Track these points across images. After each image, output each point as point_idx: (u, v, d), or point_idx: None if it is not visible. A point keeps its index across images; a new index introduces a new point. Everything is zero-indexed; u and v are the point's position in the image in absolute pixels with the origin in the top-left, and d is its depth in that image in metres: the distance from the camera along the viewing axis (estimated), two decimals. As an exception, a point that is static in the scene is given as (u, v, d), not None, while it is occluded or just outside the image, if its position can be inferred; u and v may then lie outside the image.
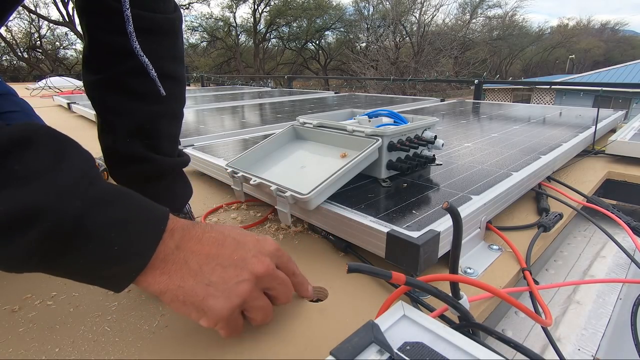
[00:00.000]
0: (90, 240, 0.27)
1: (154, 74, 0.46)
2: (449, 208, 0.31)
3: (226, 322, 0.33)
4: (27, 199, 0.25)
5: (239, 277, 0.33)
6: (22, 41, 15.64)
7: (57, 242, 0.26)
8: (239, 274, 0.33)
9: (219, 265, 0.33)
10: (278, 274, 0.36)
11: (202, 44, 19.43)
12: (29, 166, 0.25)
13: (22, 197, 0.25)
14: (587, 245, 0.72)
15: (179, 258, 0.32)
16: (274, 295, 0.36)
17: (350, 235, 0.50)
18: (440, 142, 0.67)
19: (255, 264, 0.34)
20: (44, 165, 0.26)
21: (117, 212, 0.29)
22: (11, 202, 0.24)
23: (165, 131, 0.51)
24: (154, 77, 0.46)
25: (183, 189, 0.56)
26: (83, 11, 0.44)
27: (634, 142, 0.93)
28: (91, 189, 0.28)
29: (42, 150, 0.26)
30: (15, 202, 0.24)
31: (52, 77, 3.84)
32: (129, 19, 0.42)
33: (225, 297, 0.32)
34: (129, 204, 0.30)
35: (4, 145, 0.25)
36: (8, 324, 0.39)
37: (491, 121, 1.27)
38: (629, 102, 9.41)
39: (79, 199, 0.27)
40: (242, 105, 2.00)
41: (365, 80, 8.56)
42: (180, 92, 0.52)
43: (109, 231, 0.28)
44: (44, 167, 0.26)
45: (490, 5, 17.85)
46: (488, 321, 0.44)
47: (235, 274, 0.33)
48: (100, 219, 0.28)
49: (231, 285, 0.32)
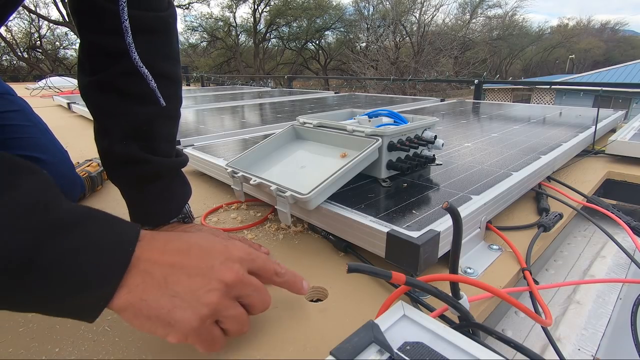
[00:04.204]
0: (46, 272, 0.25)
1: (153, 85, 0.46)
2: (449, 208, 0.31)
3: (197, 335, 0.30)
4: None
5: (206, 286, 0.31)
6: (22, 41, 15.64)
7: (8, 277, 0.24)
8: (206, 284, 0.31)
9: (184, 275, 0.31)
10: (249, 281, 0.33)
11: (202, 44, 19.43)
12: None
13: None
14: (587, 245, 0.72)
15: (139, 270, 0.29)
16: (249, 303, 0.34)
17: (350, 235, 0.50)
18: (440, 142, 0.67)
19: (224, 272, 0.32)
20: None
21: (77, 240, 0.27)
22: None
23: (161, 132, 0.51)
24: (153, 89, 0.46)
25: (182, 189, 0.56)
26: (75, 12, 0.44)
27: (634, 142, 0.93)
28: (43, 218, 0.26)
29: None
30: None
31: (52, 77, 3.85)
32: (128, 30, 0.42)
33: (192, 308, 0.30)
34: (92, 227, 0.28)
35: None
36: (8, 324, 0.39)
37: (491, 121, 1.27)
38: (629, 102, 9.41)
39: (27, 231, 0.25)
40: (242, 105, 2.00)
41: (365, 80, 8.56)
42: (175, 92, 0.52)
43: (67, 260, 0.26)
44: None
45: (490, 5, 17.85)
46: (488, 321, 0.44)
47: (202, 284, 0.31)
48: (55, 249, 0.26)
49: (199, 295, 0.30)
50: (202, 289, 0.30)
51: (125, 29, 0.42)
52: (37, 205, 0.26)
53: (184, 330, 0.29)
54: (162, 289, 0.29)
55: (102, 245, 0.28)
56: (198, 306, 0.30)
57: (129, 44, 0.43)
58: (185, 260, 0.31)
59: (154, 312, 0.29)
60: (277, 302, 0.41)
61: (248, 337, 0.36)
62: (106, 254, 0.28)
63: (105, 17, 0.42)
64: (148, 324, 0.29)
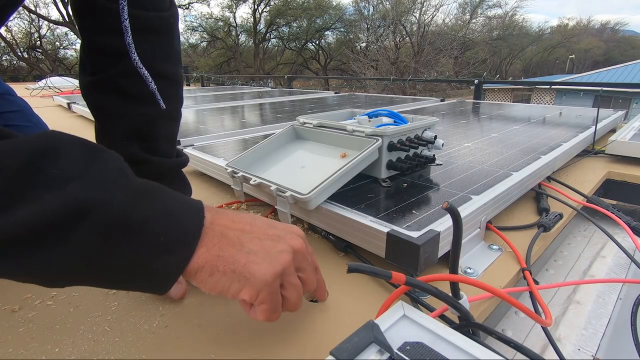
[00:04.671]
0: (138, 232, 0.27)
1: (153, 87, 0.46)
2: (449, 208, 0.31)
3: (269, 292, 0.31)
4: (72, 197, 0.25)
5: (278, 247, 0.32)
6: (22, 41, 15.64)
7: (106, 236, 0.26)
8: (277, 245, 0.33)
9: (256, 238, 0.32)
10: (309, 255, 0.36)
11: (202, 44, 19.42)
12: (65, 168, 0.25)
13: (67, 196, 0.24)
14: (587, 245, 0.72)
15: (215, 232, 0.31)
16: (304, 279, 0.35)
17: (350, 235, 0.50)
18: (440, 142, 0.67)
19: (292, 240, 0.34)
20: (79, 167, 0.26)
21: (159, 204, 0.29)
22: (58, 202, 0.24)
23: (162, 132, 0.51)
24: (153, 90, 0.46)
25: (182, 189, 0.56)
26: (77, 12, 0.44)
27: (634, 142, 0.93)
28: (130, 183, 0.28)
29: (73, 153, 0.26)
30: (61, 201, 0.24)
31: (52, 77, 3.84)
32: (128, 30, 0.42)
33: (267, 263, 0.31)
34: (167, 195, 0.30)
35: (36, 150, 0.25)
36: (8, 324, 0.39)
37: (491, 121, 1.27)
38: (629, 102, 9.41)
39: (121, 192, 0.27)
40: (242, 105, 2.00)
41: (365, 80, 8.56)
42: (176, 92, 0.51)
43: (153, 223, 0.28)
44: (79, 168, 0.26)
45: (490, 5, 17.85)
46: (488, 321, 0.44)
47: (274, 246, 0.32)
48: (145, 211, 0.28)
49: (272, 253, 0.32)
50: (275, 249, 0.32)
51: (125, 28, 0.42)
52: (122, 172, 0.28)
53: (258, 284, 0.30)
54: (237, 247, 0.31)
55: (178, 210, 0.30)
56: (273, 262, 0.31)
57: (128, 44, 0.42)
58: (254, 228, 0.33)
59: (230, 266, 0.30)
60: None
61: (248, 337, 0.36)
62: (184, 217, 0.30)
63: (106, 17, 0.42)
64: (223, 279, 0.30)
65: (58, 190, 0.24)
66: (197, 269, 0.30)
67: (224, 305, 0.41)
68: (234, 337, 0.36)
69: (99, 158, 0.28)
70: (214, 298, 0.42)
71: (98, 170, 0.27)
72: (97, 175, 0.26)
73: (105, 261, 0.26)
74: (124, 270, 0.28)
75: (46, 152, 0.25)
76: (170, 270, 0.29)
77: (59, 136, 0.27)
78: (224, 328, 0.38)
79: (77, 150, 0.27)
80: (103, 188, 0.26)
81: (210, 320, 0.39)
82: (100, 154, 0.28)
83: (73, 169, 0.26)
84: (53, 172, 0.25)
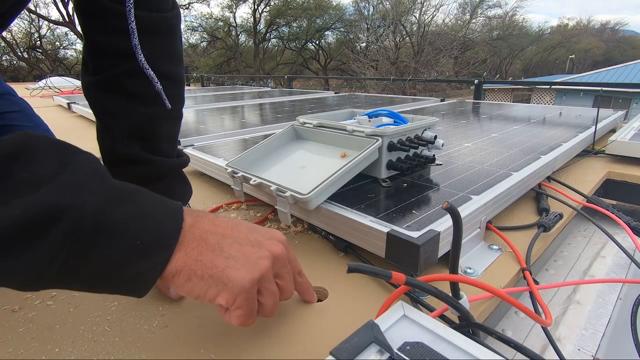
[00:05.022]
0: (112, 236, 0.26)
1: (159, 87, 0.46)
2: (449, 208, 0.31)
3: (245, 298, 0.31)
4: (43, 201, 0.24)
5: (258, 253, 0.32)
6: (22, 41, 15.63)
7: (78, 241, 0.25)
8: (257, 252, 0.33)
9: (236, 243, 0.32)
10: (291, 261, 0.36)
11: (202, 44, 19.42)
12: (36, 172, 0.25)
13: (37, 201, 0.24)
14: (587, 245, 0.72)
15: (195, 235, 0.31)
16: (281, 286, 0.35)
17: (350, 235, 0.50)
18: (440, 142, 0.67)
19: (272, 245, 0.34)
20: (51, 169, 0.25)
21: (135, 207, 0.28)
22: (27, 207, 0.23)
23: (163, 132, 0.51)
24: (159, 91, 0.46)
25: (183, 189, 0.56)
26: (80, 12, 0.44)
27: (634, 142, 0.93)
28: (104, 185, 0.27)
29: (45, 156, 0.26)
30: (30, 206, 0.24)
31: (52, 77, 3.84)
32: (134, 31, 0.42)
33: (246, 269, 0.31)
34: (145, 197, 0.30)
35: (7, 154, 0.24)
36: (8, 324, 0.39)
37: (491, 121, 1.27)
38: (629, 102, 9.41)
39: (94, 195, 0.26)
40: (242, 105, 2.00)
41: (365, 80, 8.56)
42: (178, 92, 0.52)
43: (129, 226, 0.27)
44: (50, 171, 0.25)
45: (490, 5, 17.85)
46: (488, 321, 0.44)
47: (254, 251, 0.32)
48: (119, 213, 0.27)
49: (252, 259, 0.32)
50: (254, 255, 0.32)
51: (131, 30, 0.42)
52: (96, 174, 0.27)
53: (235, 289, 0.30)
54: (216, 252, 0.31)
55: (155, 213, 0.29)
56: (251, 268, 0.31)
57: (135, 45, 0.43)
58: (235, 232, 0.33)
59: (209, 271, 0.30)
60: (277, 302, 0.41)
61: (248, 337, 0.36)
62: (162, 220, 0.30)
63: (111, 18, 0.42)
64: (200, 284, 0.30)
65: (28, 194, 0.24)
66: (174, 272, 0.29)
67: (224, 305, 0.41)
68: (234, 337, 0.36)
69: (72, 161, 0.27)
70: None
71: (70, 173, 0.26)
72: (69, 178, 0.26)
73: (79, 266, 0.26)
74: (99, 275, 0.27)
75: (17, 155, 0.25)
76: (147, 275, 0.28)
77: (31, 137, 0.26)
78: (224, 328, 0.38)
79: (49, 152, 0.26)
80: (75, 191, 0.25)
81: (210, 320, 0.39)
82: (73, 157, 0.27)
83: (44, 172, 0.25)
84: (23, 176, 0.24)
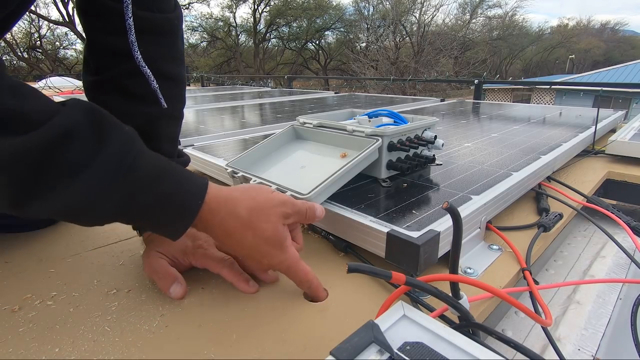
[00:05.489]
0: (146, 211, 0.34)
1: (155, 86, 0.46)
2: (449, 208, 0.31)
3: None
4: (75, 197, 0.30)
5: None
6: (22, 41, 15.63)
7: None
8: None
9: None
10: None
11: (202, 44, 19.42)
12: (72, 159, 0.29)
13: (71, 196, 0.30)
14: (587, 245, 0.72)
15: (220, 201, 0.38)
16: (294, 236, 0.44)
17: (350, 235, 0.50)
18: (440, 142, 0.67)
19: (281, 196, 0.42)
20: (85, 157, 0.30)
21: (163, 187, 0.34)
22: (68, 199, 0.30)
23: (164, 132, 0.51)
24: (155, 89, 0.46)
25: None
26: (82, 12, 0.44)
27: (634, 142, 0.93)
28: (130, 176, 0.32)
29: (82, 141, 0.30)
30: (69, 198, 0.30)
31: (52, 77, 3.85)
32: (131, 28, 0.42)
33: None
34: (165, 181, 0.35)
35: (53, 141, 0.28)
36: (8, 324, 0.39)
37: (491, 121, 1.27)
38: (629, 102, 9.41)
39: (117, 192, 0.31)
40: (242, 105, 2.00)
41: (365, 80, 8.56)
42: (179, 92, 0.52)
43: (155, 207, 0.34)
44: (85, 158, 0.30)
45: (490, 5, 17.86)
46: (488, 321, 0.44)
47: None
48: (142, 203, 0.33)
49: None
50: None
51: (128, 26, 0.42)
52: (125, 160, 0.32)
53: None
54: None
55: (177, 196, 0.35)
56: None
57: (131, 42, 0.43)
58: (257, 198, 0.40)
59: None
60: (277, 302, 0.41)
61: (248, 337, 0.36)
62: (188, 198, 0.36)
63: (111, 17, 0.42)
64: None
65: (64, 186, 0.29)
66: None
67: (224, 305, 0.41)
68: (234, 337, 0.36)
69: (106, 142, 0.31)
70: (214, 298, 0.42)
71: (100, 164, 0.30)
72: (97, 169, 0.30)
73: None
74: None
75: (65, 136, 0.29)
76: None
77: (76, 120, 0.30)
78: (224, 328, 0.38)
79: (86, 137, 0.30)
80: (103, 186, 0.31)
81: (210, 320, 0.39)
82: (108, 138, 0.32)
83: (78, 159, 0.30)
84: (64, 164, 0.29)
